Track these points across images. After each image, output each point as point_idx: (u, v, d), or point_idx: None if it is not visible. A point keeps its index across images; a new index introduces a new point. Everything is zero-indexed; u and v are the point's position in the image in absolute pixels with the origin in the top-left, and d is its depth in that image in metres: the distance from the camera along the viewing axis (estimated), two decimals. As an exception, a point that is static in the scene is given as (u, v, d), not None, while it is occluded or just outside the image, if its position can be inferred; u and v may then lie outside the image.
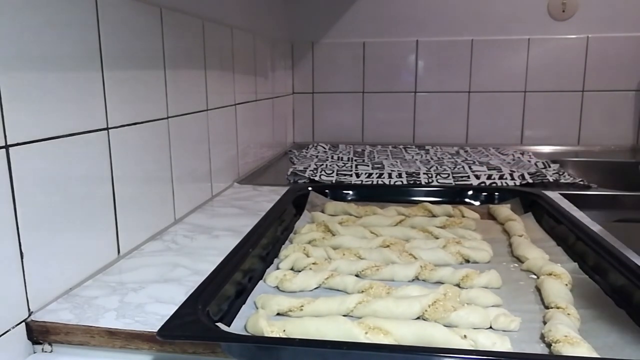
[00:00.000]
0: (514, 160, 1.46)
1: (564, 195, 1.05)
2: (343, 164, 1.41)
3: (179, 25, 0.92)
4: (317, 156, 1.58)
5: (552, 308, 0.56)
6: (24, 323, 0.56)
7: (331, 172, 1.30)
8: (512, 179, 1.21)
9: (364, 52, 1.85)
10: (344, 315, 0.54)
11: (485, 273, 0.64)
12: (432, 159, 1.50)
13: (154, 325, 0.54)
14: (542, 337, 0.51)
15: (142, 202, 0.81)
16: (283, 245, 0.78)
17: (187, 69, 0.96)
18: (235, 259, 0.65)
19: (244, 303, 0.59)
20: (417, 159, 1.49)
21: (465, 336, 0.49)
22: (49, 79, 0.59)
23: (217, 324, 0.51)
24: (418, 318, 0.55)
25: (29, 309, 0.57)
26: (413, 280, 0.66)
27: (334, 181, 1.23)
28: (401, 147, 1.75)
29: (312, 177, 1.25)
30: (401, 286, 0.62)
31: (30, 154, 0.56)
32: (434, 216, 0.90)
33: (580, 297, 0.59)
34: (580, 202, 1.00)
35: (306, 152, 1.65)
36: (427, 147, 1.72)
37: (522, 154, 1.55)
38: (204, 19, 1.04)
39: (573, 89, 1.74)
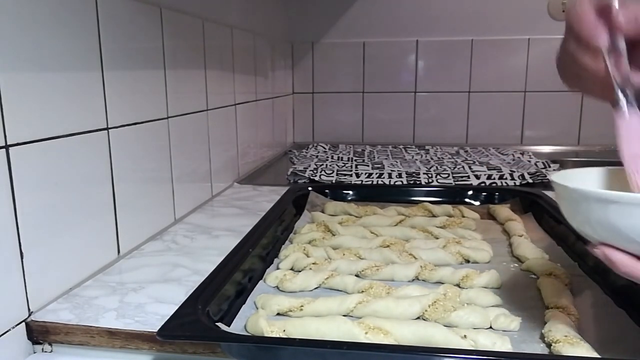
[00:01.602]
0: (514, 160, 1.46)
1: (564, 195, 1.05)
2: (343, 164, 1.41)
3: (179, 25, 0.92)
4: (317, 156, 1.58)
5: (552, 308, 0.55)
6: (24, 323, 0.56)
7: (331, 172, 1.30)
8: (512, 179, 1.21)
9: (364, 52, 1.85)
10: (344, 315, 0.54)
11: (485, 273, 0.64)
12: (432, 159, 1.50)
13: (154, 325, 0.54)
14: (542, 337, 0.51)
15: (142, 202, 0.81)
16: (283, 245, 0.78)
17: (187, 69, 0.96)
18: (235, 259, 0.65)
19: (244, 303, 0.59)
20: (417, 159, 1.49)
21: (465, 336, 0.49)
22: (49, 79, 0.59)
23: (217, 324, 0.51)
24: (418, 318, 0.55)
25: (29, 309, 0.57)
26: (413, 280, 0.66)
27: (334, 181, 1.23)
28: (401, 147, 1.75)
29: (312, 177, 1.25)
30: (401, 286, 0.62)
31: (30, 154, 0.56)
32: (434, 216, 0.90)
33: (580, 297, 0.59)
34: (580, 202, 1.00)
35: (306, 152, 1.65)
36: (427, 147, 1.72)
37: (522, 154, 1.55)
38: (204, 19, 1.04)
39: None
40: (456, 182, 1.20)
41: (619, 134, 0.43)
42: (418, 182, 1.20)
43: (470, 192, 1.03)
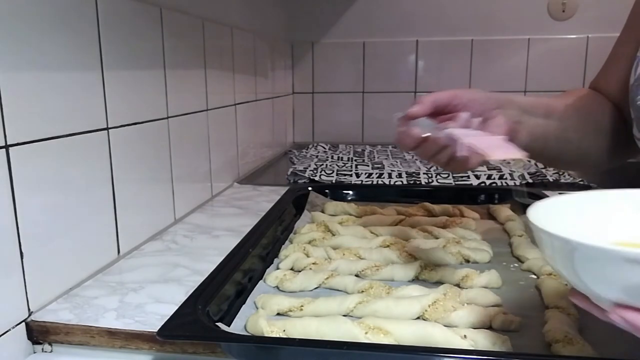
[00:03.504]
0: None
1: (564, 195, 1.05)
2: (343, 164, 1.41)
3: (179, 25, 0.92)
4: (317, 156, 1.58)
5: (552, 308, 0.56)
6: (24, 323, 0.56)
7: (331, 172, 1.30)
8: (512, 179, 1.21)
9: (364, 52, 1.85)
10: (344, 315, 0.54)
11: (485, 273, 0.64)
12: (432, 159, 1.50)
13: (154, 325, 0.54)
14: (542, 337, 0.51)
15: (142, 202, 0.81)
16: (283, 245, 0.78)
17: (187, 69, 0.96)
18: (235, 259, 0.65)
19: (244, 303, 0.59)
20: (417, 159, 1.49)
21: (465, 336, 0.49)
22: (49, 79, 0.59)
23: (217, 324, 0.51)
24: (418, 318, 0.55)
25: (29, 309, 0.57)
26: (413, 280, 0.66)
27: (334, 181, 1.23)
28: (401, 147, 1.75)
29: (312, 177, 1.25)
30: (401, 286, 0.62)
31: (30, 154, 0.56)
32: (433, 216, 0.90)
33: (580, 297, 0.59)
34: (580, 202, 1.00)
35: (306, 152, 1.65)
36: (427, 147, 1.72)
37: (522, 154, 1.55)
38: (204, 19, 1.04)
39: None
40: (456, 182, 1.20)
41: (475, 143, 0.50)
42: (418, 182, 1.20)
43: (470, 192, 1.03)
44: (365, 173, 1.29)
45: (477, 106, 0.58)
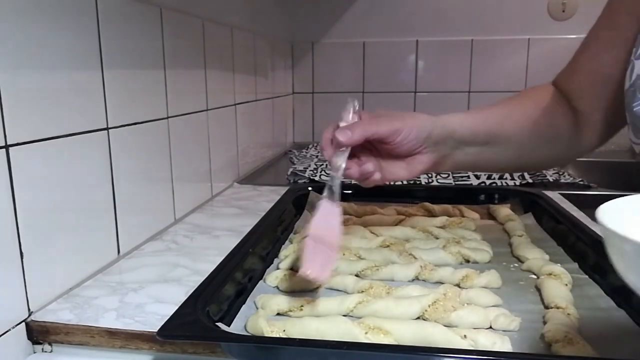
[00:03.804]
0: (514, 160, 1.46)
1: (564, 195, 1.05)
2: (343, 164, 1.41)
3: (179, 25, 0.92)
4: (317, 156, 1.58)
5: (552, 308, 0.56)
6: (24, 323, 0.56)
7: (331, 172, 1.30)
8: (512, 178, 1.21)
9: (364, 52, 1.85)
10: (344, 315, 0.54)
11: (485, 273, 0.64)
12: (432, 159, 1.50)
13: (154, 325, 0.54)
14: (542, 337, 0.51)
15: (142, 202, 0.81)
16: (283, 245, 0.78)
17: (187, 69, 0.96)
18: (235, 259, 0.65)
19: (244, 303, 0.59)
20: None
21: (465, 336, 0.49)
22: (49, 79, 0.59)
23: (217, 324, 0.51)
24: (418, 318, 0.55)
25: (29, 309, 0.57)
26: (413, 280, 0.66)
27: (334, 181, 1.23)
28: (401, 147, 1.75)
29: (312, 177, 1.25)
30: (401, 286, 0.62)
31: (30, 154, 0.56)
32: (433, 216, 0.90)
33: (580, 297, 0.59)
34: (580, 202, 1.00)
35: (306, 152, 1.65)
36: (427, 147, 1.72)
37: (522, 154, 1.55)
38: (204, 19, 1.04)
39: (573, 89, 1.74)
40: (456, 182, 1.20)
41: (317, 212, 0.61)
42: (418, 182, 1.20)
43: (470, 192, 1.03)
44: (365, 173, 1.28)
45: (408, 146, 0.64)
